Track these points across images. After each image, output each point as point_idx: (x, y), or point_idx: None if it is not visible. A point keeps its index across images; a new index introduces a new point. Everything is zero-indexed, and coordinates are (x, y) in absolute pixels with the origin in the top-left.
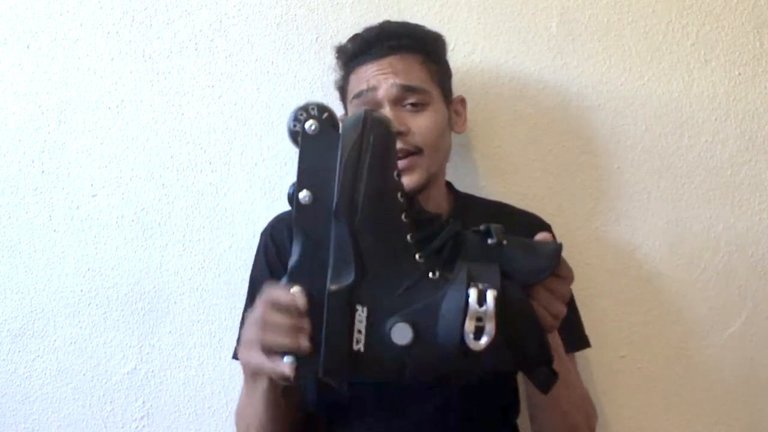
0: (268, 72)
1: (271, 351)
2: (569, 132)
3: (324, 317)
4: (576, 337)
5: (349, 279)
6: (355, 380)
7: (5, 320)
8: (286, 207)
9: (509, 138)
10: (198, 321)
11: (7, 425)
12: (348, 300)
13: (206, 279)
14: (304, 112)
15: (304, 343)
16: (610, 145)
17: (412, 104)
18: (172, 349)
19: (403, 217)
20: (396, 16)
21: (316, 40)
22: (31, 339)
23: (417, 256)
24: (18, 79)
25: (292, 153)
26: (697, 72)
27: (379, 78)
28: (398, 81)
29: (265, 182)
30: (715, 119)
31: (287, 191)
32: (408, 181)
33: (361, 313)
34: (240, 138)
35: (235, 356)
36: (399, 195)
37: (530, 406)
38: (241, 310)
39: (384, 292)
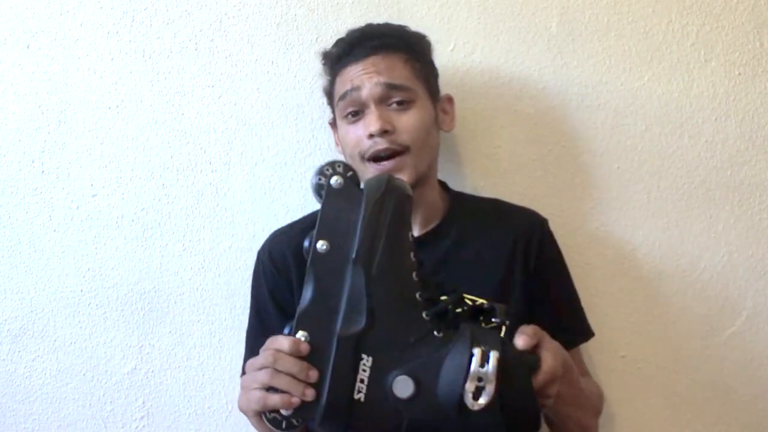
0: (268, 72)
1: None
2: (569, 132)
3: (330, 362)
4: (579, 330)
5: (359, 326)
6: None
7: (5, 320)
8: (286, 208)
9: (509, 138)
10: (198, 321)
11: (7, 425)
12: (355, 347)
13: (206, 279)
14: (330, 168)
15: (309, 390)
16: (610, 145)
17: (398, 102)
18: (172, 349)
19: (414, 275)
20: (396, 17)
21: (316, 40)
22: (31, 339)
23: (424, 314)
24: (18, 79)
25: (293, 153)
26: (697, 72)
27: (363, 78)
28: (382, 79)
29: (265, 182)
30: (715, 119)
31: (304, 244)
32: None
33: (366, 363)
34: (240, 138)
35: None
36: (412, 255)
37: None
38: (241, 312)
39: (390, 344)
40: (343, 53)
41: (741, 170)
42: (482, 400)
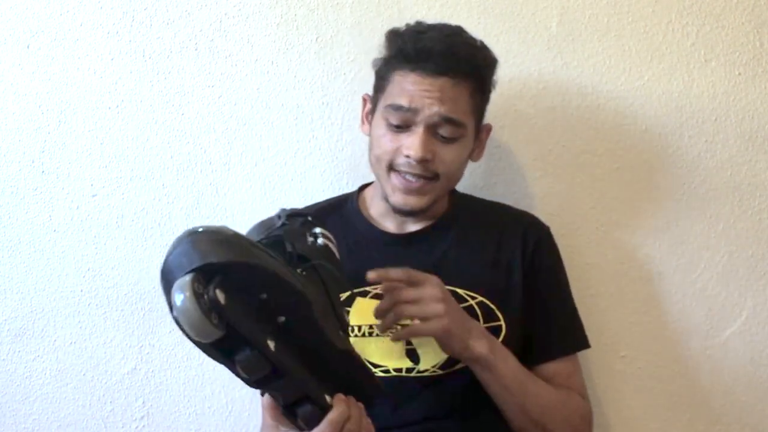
0: (268, 72)
1: None
2: (569, 132)
3: (352, 368)
4: (571, 338)
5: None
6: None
7: (5, 320)
8: (286, 207)
9: (509, 138)
10: None
11: (7, 425)
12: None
13: None
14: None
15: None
16: (610, 145)
17: (445, 136)
18: (172, 349)
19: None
20: (396, 17)
21: (316, 40)
22: (31, 339)
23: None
24: (18, 79)
25: (293, 153)
26: (697, 72)
27: (425, 101)
28: (442, 111)
29: (265, 182)
30: (715, 119)
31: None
32: (415, 202)
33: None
34: (240, 138)
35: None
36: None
37: None
38: None
39: (329, 310)
40: (417, 56)
41: (741, 170)
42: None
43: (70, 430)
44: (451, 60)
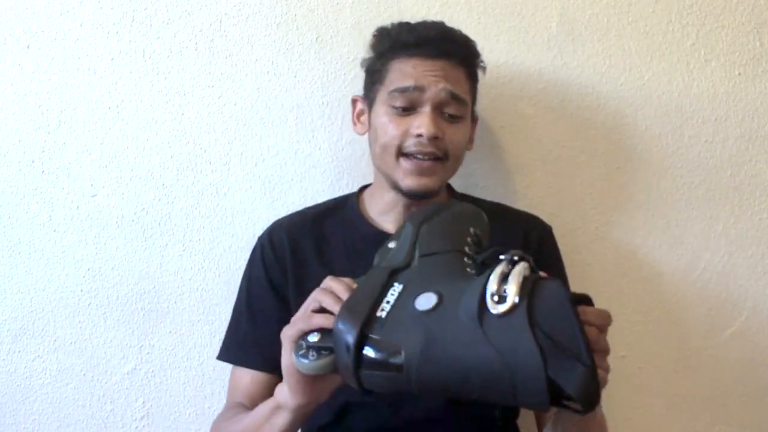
0: (268, 72)
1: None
2: (569, 132)
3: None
4: None
5: (396, 261)
6: (366, 384)
7: (5, 320)
8: (286, 208)
9: (509, 138)
10: (198, 321)
11: (7, 425)
12: (388, 275)
13: (206, 279)
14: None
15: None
16: (610, 145)
17: (451, 114)
18: (172, 349)
19: (468, 239)
20: (396, 16)
21: (316, 40)
22: (31, 339)
23: (468, 269)
24: (18, 79)
25: (292, 153)
26: (697, 72)
27: (430, 79)
28: (448, 87)
29: (265, 182)
30: (715, 119)
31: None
32: (427, 182)
33: (396, 288)
34: (240, 138)
35: (220, 357)
36: (471, 229)
37: None
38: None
39: (426, 279)
40: (414, 43)
41: (741, 170)
42: (507, 301)
43: (70, 430)
44: (449, 44)
